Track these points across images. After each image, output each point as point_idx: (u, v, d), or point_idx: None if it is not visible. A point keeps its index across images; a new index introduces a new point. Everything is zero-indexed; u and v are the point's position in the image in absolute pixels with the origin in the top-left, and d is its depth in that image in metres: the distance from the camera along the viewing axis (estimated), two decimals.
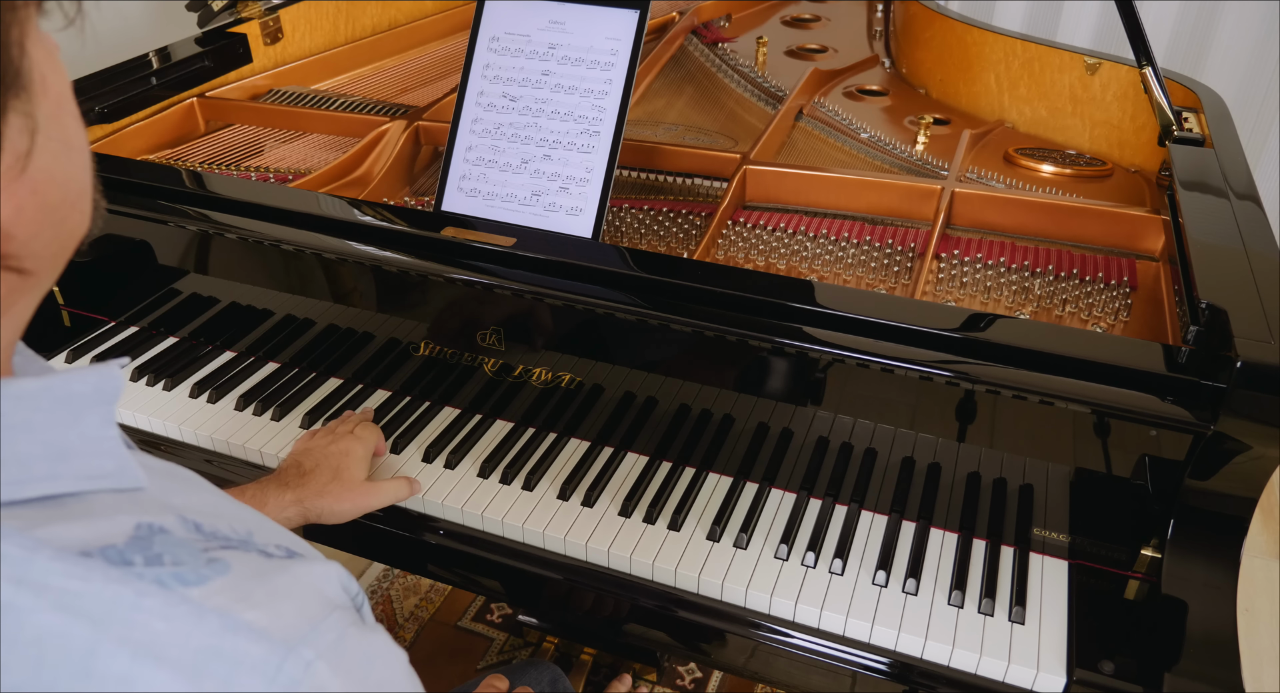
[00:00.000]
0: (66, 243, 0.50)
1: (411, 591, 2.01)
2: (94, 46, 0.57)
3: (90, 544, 0.43)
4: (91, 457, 0.48)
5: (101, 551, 0.43)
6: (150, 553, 0.45)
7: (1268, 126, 2.41)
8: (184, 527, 0.48)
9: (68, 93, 0.49)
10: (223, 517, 0.52)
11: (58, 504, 0.45)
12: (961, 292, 1.20)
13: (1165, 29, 2.40)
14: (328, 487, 1.03)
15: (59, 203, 0.48)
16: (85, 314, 1.38)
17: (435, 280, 1.14)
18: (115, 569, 0.43)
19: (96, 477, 0.48)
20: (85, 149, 0.51)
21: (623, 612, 1.04)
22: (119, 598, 0.42)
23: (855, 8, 2.13)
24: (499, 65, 1.24)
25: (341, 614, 0.49)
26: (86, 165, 0.51)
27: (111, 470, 0.48)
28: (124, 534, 0.45)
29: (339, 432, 1.11)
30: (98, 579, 0.42)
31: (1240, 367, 0.86)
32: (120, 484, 0.49)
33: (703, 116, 1.62)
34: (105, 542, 0.44)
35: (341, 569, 0.53)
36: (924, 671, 0.95)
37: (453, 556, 1.10)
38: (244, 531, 0.51)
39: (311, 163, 1.46)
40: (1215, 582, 0.92)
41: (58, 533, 0.43)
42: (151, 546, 0.45)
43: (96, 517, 0.46)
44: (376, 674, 0.49)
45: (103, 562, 0.43)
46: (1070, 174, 1.46)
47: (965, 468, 1.04)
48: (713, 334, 1.04)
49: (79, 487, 0.47)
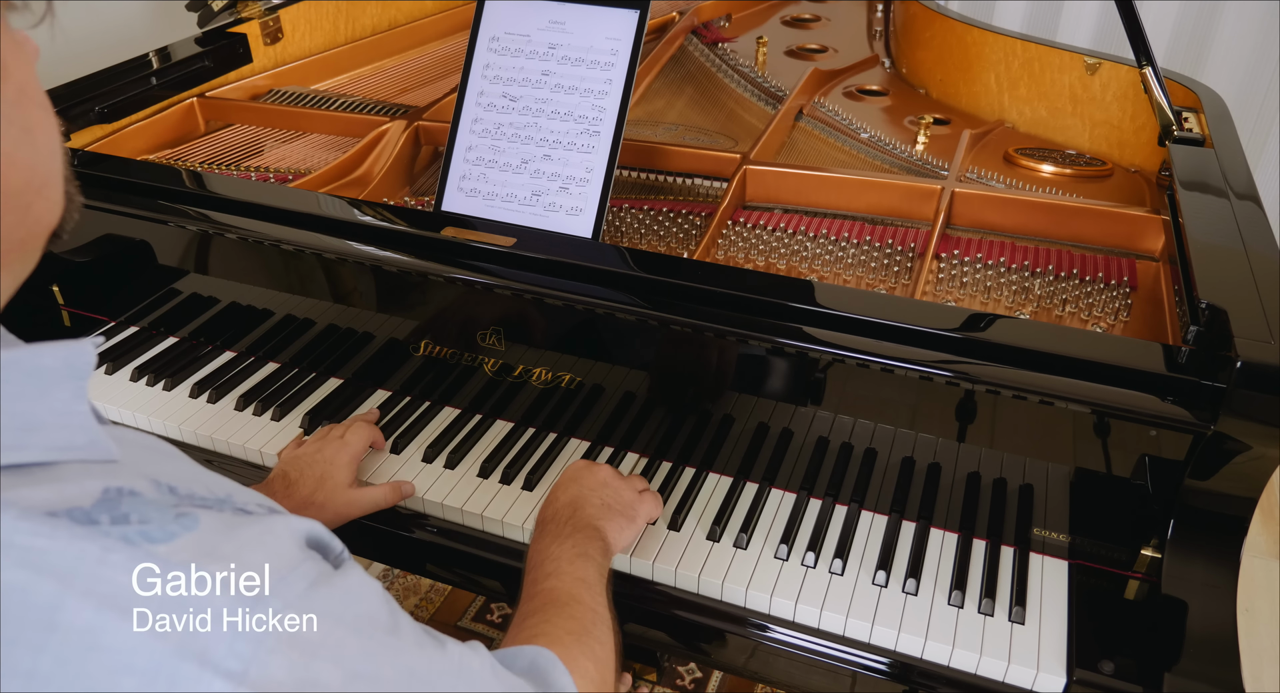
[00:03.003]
0: (34, 229, 0.50)
1: (411, 590, 2.01)
2: (94, 46, 0.57)
3: (56, 506, 0.44)
4: (61, 429, 0.48)
5: (68, 511, 0.44)
6: (117, 513, 0.45)
7: (1268, 126, 2.41)
8: (156, 489, 0.49)
9: (31, 81, 0.49)
10: (199, 481, 0.52)
11: (25, 472, 0.46)
12: (961, 292, 1.20)
13: (1165, 29, 2.40)
14: (313, 495, 1.03)
15: (21, 188, 0.48)
16: (85, 314, 1.38)
17: (435, 280, 1.14)
18: (81, 528, 0.43)
19: (66, 448, 0.48)
20: (53, 138, 0.51)
21: (623, 612, 1.04)
22: (84, 554, 0.43)
23: (855, 8, 2.13)
24: (499, 65, 1.24)
25: (314, 563, 0.50)
26: (54, 153, 0.51)
27: (82, 443, 0.49)
28: (91, 497, 0.46)
29: (329, 437, 1.10)
30: (63, 537, 0.43)
31: (1240, 367, 0.86)
32: (91, 456, 0.49)
33: (703, 116, 1.62)
34: (72, 504, 0.44)
35: (318, 524, 0.54)
36: (924, 671, 0.95)
37: (453, 555, 1.10)
38: (222, 493, 0.52)
39: (311, 163, 1.46)
40: (1215, 582, 0.92)
41: (24, 495, 0.44)
42: (119, 506, 0.46)
43: (65, 481, 0.46)
44: (353, 610, 0.50)
45: (68, 521, 0.43)
46: (1070, 174, 1.46)
47: (965, 468, 1.04)
48: (713, 334, 1.04)
49: (48, 457, 0.47)
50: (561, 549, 0.88)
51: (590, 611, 0.81)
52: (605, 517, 0.95)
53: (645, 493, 1.02)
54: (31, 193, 0.49)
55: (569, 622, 0.79)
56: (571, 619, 0.79)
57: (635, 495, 1.00)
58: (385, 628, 0.52)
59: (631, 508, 0.98)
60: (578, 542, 0.89)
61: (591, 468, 1.01)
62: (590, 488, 0.98)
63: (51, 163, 0.51)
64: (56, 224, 0.53)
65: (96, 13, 1.90)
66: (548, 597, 0.82)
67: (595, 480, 0.99)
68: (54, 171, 0.51)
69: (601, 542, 0.91)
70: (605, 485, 0.99)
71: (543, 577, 0.85)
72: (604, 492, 0.98)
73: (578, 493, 0.97)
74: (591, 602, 0.82)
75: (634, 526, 0.98)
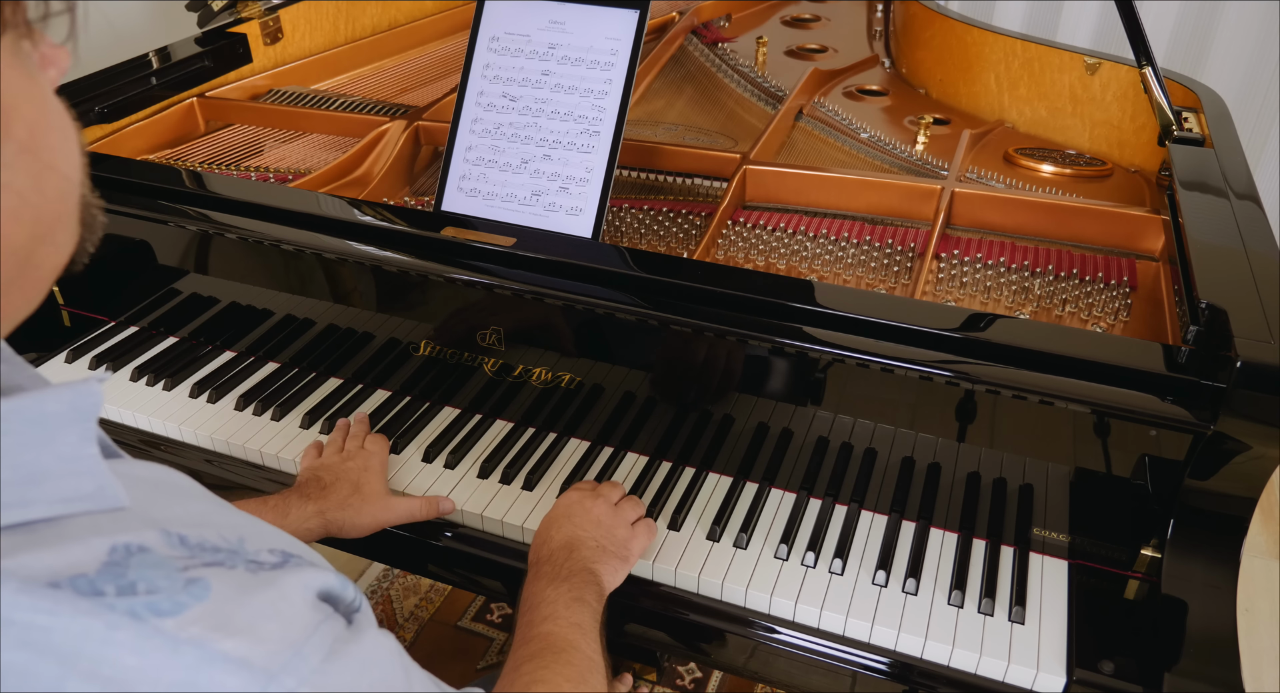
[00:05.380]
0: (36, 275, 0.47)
1: (411, 591, 2.01)
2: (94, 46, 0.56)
3: (60, 574, 0.41)
4: (68, 477, 0.45)
5: (71, 581, 0.41)
6: (123, 582, 0.42)
7: (1268, 126, 2.41)
8: (167, 542, 0.46)
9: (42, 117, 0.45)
10: (211, 525, 0.49)
11: (29, 530, 0.43)
12: (961, 292, 1.20)
13: (1165, 29, 2.40)
14: (349, 500, 1.03)
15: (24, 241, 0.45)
16: (85, 314, 1.38)
17: (435, 280, 1.14)
18: (85, 601, 0.41)
19: (73, 500, 0.45)
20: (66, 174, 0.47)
21: (623, 611, 1.04)
22: (88, 632, 0.40)
23: (855, 8, 2.13)
24: (499, 65, 1.24)
25: (329, 626, 0.48)
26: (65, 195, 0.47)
27: (90, 491, 0.46)
28: (97, 561, 0.43)
29: (350, 448, 1.11)
30: (66, 613, 0.40)
31: (1240, 367, 0.86)
32: (99, 505, 0.46)
33: (703, 116, 1.62)
34: (76, 571, 0.42)
35: (333, 576, 0.51)
36: (924, 671, 0.95)
37: (453, 555, 1.10)
38: (234, 539, 0.49)
39: (311, 163, 1.46)
40: (1215, 582, 0.92)
41: (26, 563, 0.41)
42: (126, 572, 0.43)
43: (69, 541, 0.43)
44: (368, 679, 0.49)
45: (72, 593, 0.41)
46: (1070, 174, 1.46)
47: (965, 468, 1.04)
48: (713, 334, 1.04)
49: (53, 512, 0.44)
50: (558, 593, 0.88)
51: (587, 659, 0.81)
52: (600, 559, 0.94)
53: (638, 525, 1.01)
54: (35, 242, 0.46)
55: (567, 669, 0.79)
56: (569, 666, 0.79)
57: (628, 533, 0.99)
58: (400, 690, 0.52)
59: (625, 547, 0.98)
60: (574, 586, 0.89)
61: (583, 504, 1.00)
62: (584, 528, 0.97)
63: (62, 204, 0.47)
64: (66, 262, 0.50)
65: (96, 13, 1.89)
66: (544, 642, 0.82)
67: (589, 519, 0.98)
68: (65, 212, 0.47)
69: (597, 587, 0.91)
70: (599, 525, 0.98)
71: (539, 620, 0.85)
72: (598, 532, 0.97)
73: (572, 533, 0.96)
74: (588, 650, 0.82)
75: (627, 565, 0.98)
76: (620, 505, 1.02)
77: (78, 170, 0.48)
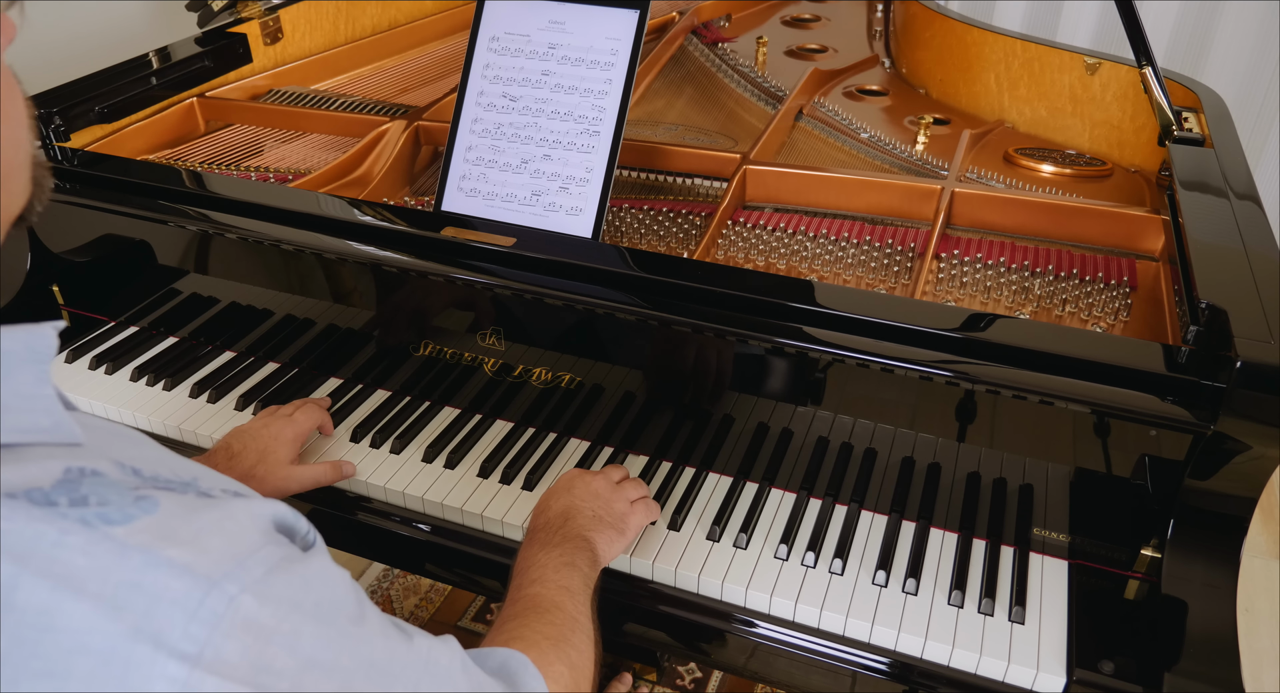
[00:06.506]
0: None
1: (411, 591, 2.01)
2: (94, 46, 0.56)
3: (16, 487, 0.44)
4: (24, 413, 0.48)
5: (26, 492, 0.44)
6: (76, 494, 0.45)
7: (1268, 126, 2.41)
8: (120, 470, 0.49)
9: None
10: (165, 465, 0.52)
11: None
12: (961, 292, 1.20)
13: (1165, 29, 2.40)
14: (254, 469, 1.04)
15: None
16: (85, 314, 1.38)
17: (435, 280, 1.14)
18: (39, 509, 0.44)
19: (30, 431, 0.48)
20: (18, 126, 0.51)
21: (623, 611, 1.04)
22: (41, 535, 0.43)
23: (855, 8, 2.13)
24: (499, 65, 1.24)
25: (274, 548, 0.50)
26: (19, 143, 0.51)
27: (47, 426, 0.49)
28: (51, 477, 0.46)
29: (277, 414, 1.12)
30: (20, 518, 0.43)
31: (1240, 367, 0.86)
32: (56, 439, 0.49)
33: (703, 116, 1.62)
34: (32, 485, 0.45)
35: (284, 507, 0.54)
36: (924, 671, 0.95)
37: (453, 555, 1.10)
38: (188, 476, 0.52)
39: (311, 163, 1.46)
40: (1215, 582, 0.92)
41: None
42: (79, 487, 0.46)
43: (25, 462, 0.46)
44: (313, 596, 0.50)
45: (26, 502, 0.44)
46: (1070, 174, 1.46)
47: (965, 468, 1.04)
48: (713, 334, 1.04)
49: (10, 439, 0.47)
50: (549, 557, 0.88)
51: (571, 618, 0.81)
52: (595, 528, 0.94)
53: (638, 503, 1.01)
54: None
55: (547, 627, 0.79)
56: (550, 625, 0.79)
57: (627, 507, 1.00)
58: (349, 617, 0.53)
59: (623, 520, 0.98)
60: (565, 551, 0.89)
61: (584, 478, 1.00)
62: (582, 499, 0.97)
63: (16, 153, 0.51)
64: (20, 211, 0.53)
65: (96, 13, 1.90)
66: (529, 602, 0.82)
67: (588, 491, 0.98)
68: (18, 162, 0.51)
69: (590, 553, 0.91)
70: (597, 497, 0.98)
71: (527, 583, 0.85)
72: (595, 503, 0.97)
73: (569, 503, 0.96)
74: (573, 610, 0.82)
75: (624, 538, 0.98)
76: (622, 484, 1.02)
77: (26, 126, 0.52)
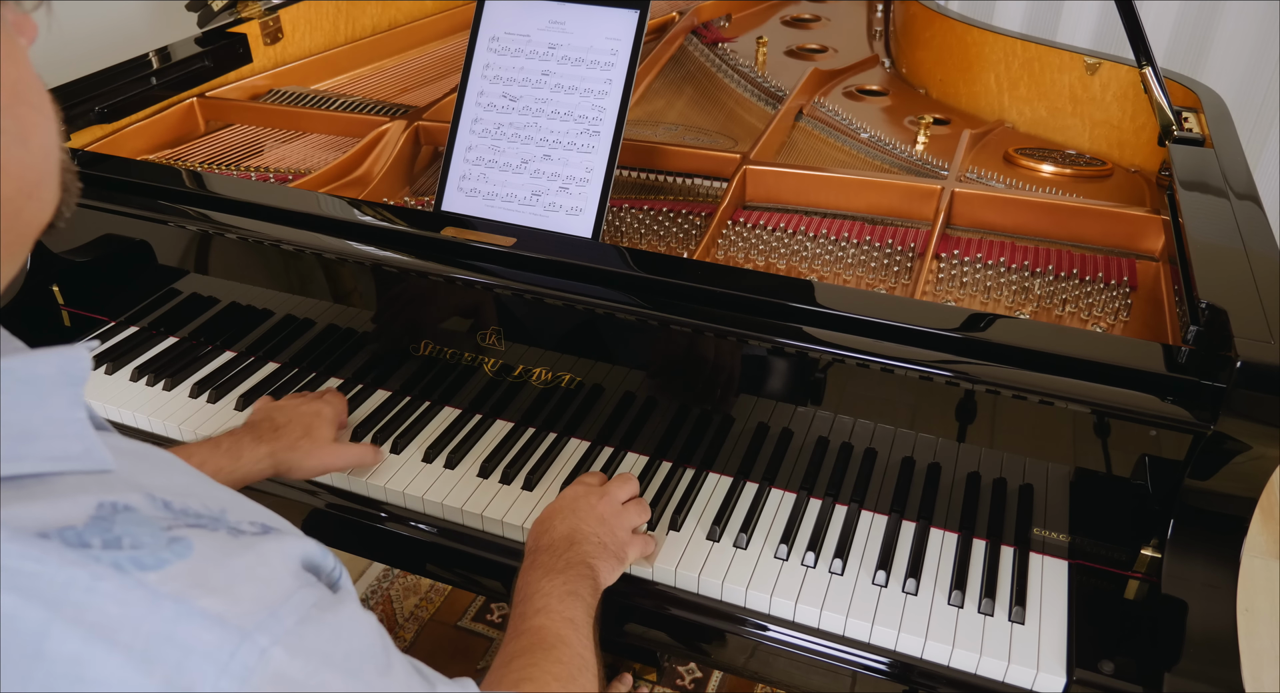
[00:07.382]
0: (24, 231, 0.50)
1: (411, 591, 2.01)
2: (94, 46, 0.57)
3: (49, 525, 0.43)
4: (57, 439, 0.48)
5: (59, 532, 0.43)
6: (109, 535, 0.44)
7: (1268, 126, 2.41)
8: (151, 504, 0.48)
9: (24, 76, 0.48)
10: (194, 496, 0.51)
11: (19, 485, 0.45)
12: (961, 292, 1.20)
13: (1165, 29, 2.40)
14: (299, 442, 1.06)
15: (13, 194, 0.47)
16: (85, 314, 1.38)
17: (435, 280, 1.14)
18: (72, 552, 0.43)
19: (61, 459, 0.47)
20: (49, 136, 0.50)
21: (623, 611, 1.04)
22: (73, 581, 0.42)
23: (855, 8, 2.13)
24: (499, 65, 1.24)
25: (305, 593, 0.49)
26: (49, 153, 0.50)
27: (78, 453, 0.48)
28: (84, 515, 0.45)
29: (308, 397, 1.14)
30: (53, 562, 0.42)
31: (1240, 367, 0.86)
32: (87, 466, 0.48)
33: (703, 116, 1.62)
34: (64, 523, 0.44)
35: (313, 544, 0.53)
36: (924, 671, 0.95)
37: (453, 555, 1.10)
38: (216, 508, 0.51)
39: (311, 163, 1.46)
40: (1215, 582, 0.92)
41: (16, 513, 0.43)
42: (112, 527, 0.45)
43: (58, 497, 0.45)
44: (343, 648, 0.49)
45: (60, 544, 0.43)
46: (1070, 174, 1.46)
47: (965, 468, 1.04)
48: (713, 334, 1.04)
49: (43, 468, 0.46)
50: (552, 585, 0.87)
51: (578, 656, 0.81)
52: (600, 556, 0.94)
53: (637, 534, 1.01)
54: (23, 198, 0.48)
55: (555, 667, 0.79)
56: (558, 663, 0.79)
57: (628, 536, 0.99)
58: (377, 668, 0.52)
59: (624, 548, 0.98)
60: (569, 578, 0.88)
61: (589, 499, 0.99)
62: (588, 523, 0.96)
63: (45, 163, 0.50)
64: (49, 221, 0.52)
65: (96, 13, 1.90)
66: (536, 637, 0.82)
67: (593, 515, 0.98)
68: (48, 171, 0.50)
69: (593, 582, 0.91)
70: (603, 522, 0.98)
71: (531, 612, 0.84)
72: (601, 529, 0.96)
73: (575, 526, 0.96)
74: (579, 646, 0.82)
75: (622, 565, 0.98)
76: (626, 507, 1.02)
77: (55, 132, 0.51)
